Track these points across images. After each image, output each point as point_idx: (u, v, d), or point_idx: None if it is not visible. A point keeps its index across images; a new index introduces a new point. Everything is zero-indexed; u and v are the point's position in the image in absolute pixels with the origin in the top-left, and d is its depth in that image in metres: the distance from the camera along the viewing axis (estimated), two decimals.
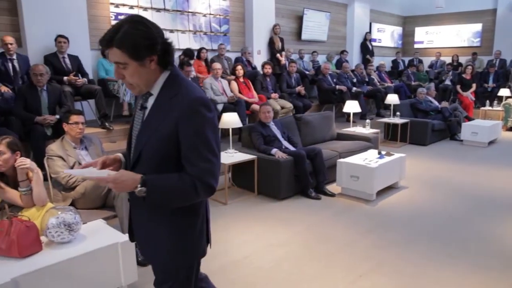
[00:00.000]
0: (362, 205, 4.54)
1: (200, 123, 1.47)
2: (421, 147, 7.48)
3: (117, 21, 1.51)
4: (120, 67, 1.47)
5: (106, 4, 6.65)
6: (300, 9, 10.17)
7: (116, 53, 1.44)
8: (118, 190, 1.51)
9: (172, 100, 1.50)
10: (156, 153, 1.51)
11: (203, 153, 1.48)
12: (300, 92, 7.80)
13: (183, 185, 1.47)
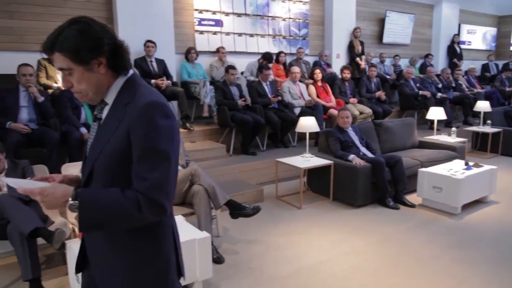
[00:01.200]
0: (445, 218, 4.26)
1: (152, 131, 1.24)
2: None
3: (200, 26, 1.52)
4: (66, 73, 1.29)
5: (191, 10, 6.97)
6: (382, 12, 9.84)
7: (59, 58, 1.27)
8: (47, 205, 1.26)
9: (126, 108, 1.29)
10: (109, 169, 1.29)
11: (153, 166, 1.23)
12: (380, 97, 7.54)
13: (123, 202, 1.22)
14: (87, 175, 1.34)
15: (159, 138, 1.24)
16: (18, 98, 4.28)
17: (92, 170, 1.32)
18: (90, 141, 1.39)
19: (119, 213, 1.23)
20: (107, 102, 1.35)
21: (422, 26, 10.95)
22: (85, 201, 1.22)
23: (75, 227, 3.06)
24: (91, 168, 1.32)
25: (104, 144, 1.30)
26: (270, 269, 3.17)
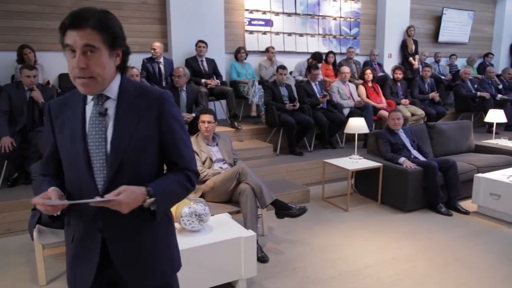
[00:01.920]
0: (503, 227, 4.02)
1: (178, 115, 1.43)
2: None
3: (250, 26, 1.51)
4: (87, 52, 1.25)
5: (241, 10, 7.05)
6: (439, 9, 9.44)
7: (90, 34, 1.24)
8: (125, 208, 1.26)
9: (139, 99, 1.37)
10: (138, 157, 1.35)
11: (184, 143, 1.43)
12: (434, 98, 7.23)
13: (182, 182, 1.40)
14: (117, 167, 1.32)
15: (181, 120, 1.45)
16: None
17: (121, 162, 1.33)
18: (96, 138, 1.33)
19: (182, 193, 1.43)
20: (110, 96, 1.35)
21: (483, 23, 10.38)
22: (160, 196, 1.31)
23: None
24: (121, 160, 1.33)
25: (131, 134, 1.33)
26: (314, 271, 3.14)
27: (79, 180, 1.35)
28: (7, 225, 3.79)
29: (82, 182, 1.35)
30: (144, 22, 6.22)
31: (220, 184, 3.46)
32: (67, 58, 1.28)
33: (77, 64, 1.24)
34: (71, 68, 1.27)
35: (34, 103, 4.28)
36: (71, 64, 1.26)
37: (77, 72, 1.26)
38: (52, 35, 5.65)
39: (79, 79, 1.27)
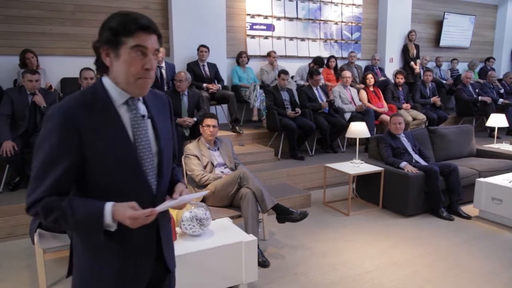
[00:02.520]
0: (505, 232, 4.01)
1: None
2: None
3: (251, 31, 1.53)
4: (155, 55, 1.31)
5: (243, 15, 7.07)
6: (440, 14, 9.45)
7: (156, 40, 1.30)
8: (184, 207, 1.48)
9: (156, 100, 1.45)
10: (169, 156, 1.45)
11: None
12: (436, 102, 7.23)
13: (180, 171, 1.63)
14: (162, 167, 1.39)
15: None
16: None
17: (164, 161, 1.40)
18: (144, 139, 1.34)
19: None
20: (139, 98, 1.37)
21: (484, 28, 10.40)
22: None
23: None
24: (164, 159, 1.40)
25: (165, 134, 1.42)
26: (315, 276, 3.13)
27: (129, 185, 1.32)
28: (9, 229, 3.80)
29: (134, 187, 1.32)
30: None
31: (221, 188, 3.46)
32: (128, 58, 1.25)
33: (151, 65, 1.28)
34: (137, 68, 1.26)
35: (36, 107, 4.30)
36: (137, 64, 1.26)
37: (143, 73, 1.27)
38: (54, 40, 5.68)
39: (142, 79, 1.28)
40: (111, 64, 1.28)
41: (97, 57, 1.30)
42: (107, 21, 1.28)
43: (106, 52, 1.27)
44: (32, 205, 1.23)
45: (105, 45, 1.26)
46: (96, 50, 1.29)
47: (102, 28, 1.28)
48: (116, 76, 1.29)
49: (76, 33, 5.79)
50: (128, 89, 1.30)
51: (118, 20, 1.26)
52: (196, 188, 3.65)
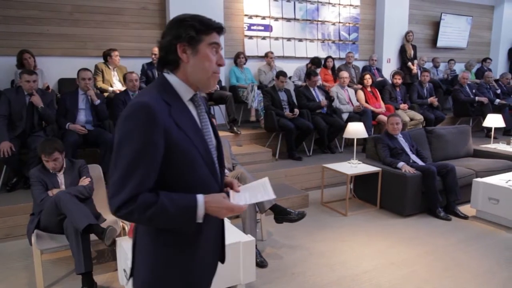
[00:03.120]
0: (502, 232, 4.03)
1: None
2: None
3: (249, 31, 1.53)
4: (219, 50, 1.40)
5: (241, 16, 7.08)
6: (437, 14, 9.49)
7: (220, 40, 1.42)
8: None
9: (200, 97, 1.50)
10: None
11: None
12: (433, 103, 7.25)
13: None
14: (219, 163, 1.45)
15: None
16: (77, 100, 4.54)
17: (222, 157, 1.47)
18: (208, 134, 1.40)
19: None
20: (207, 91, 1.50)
21: (481, 28, 10.44)
22: None
23: (125, 225, 3.20)
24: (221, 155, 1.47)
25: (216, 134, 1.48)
26: (313, 276, 3.14)
27: (205, 177, 1.36)
28: (7, 230, 3.79)
29: (209, 179, 1.37)
30: (144, 27, 6.24)
31: None
32: (206, 54, 1.33)
33: (223, 61, 1.39)
34: (212, 63, 1.34)
35: (33, 108, 4.29)
36: (213, 60, 1.35)
37: (216, 68, 1.36)
38: (52, 40, 5.67)
39: (215, 75, 1.36)
40: (187, 60, 1.32)
41: (166, 53, 1.33)
42: (185, 21, 1.34)
43: (183, 49, 1.31)
44: (124, 204, 1.19)
45: (184, 42, 1.31)
46: (168, 47, 1.32)
47: (180, 26, 1.33)
48: (191, 72, 1.33)
49: (74, 33, 5.79)
50: (200, 84, 1.36)
51: (199, 20, 1.35)
52: None
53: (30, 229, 3.00)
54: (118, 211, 1.20)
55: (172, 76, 1.34)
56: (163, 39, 1.33)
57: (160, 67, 1.36)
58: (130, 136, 1.20)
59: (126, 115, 1.21)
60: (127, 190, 1.19)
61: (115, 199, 1.19)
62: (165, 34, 1.34)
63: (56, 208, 2.88)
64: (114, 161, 1.22)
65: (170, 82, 1.34)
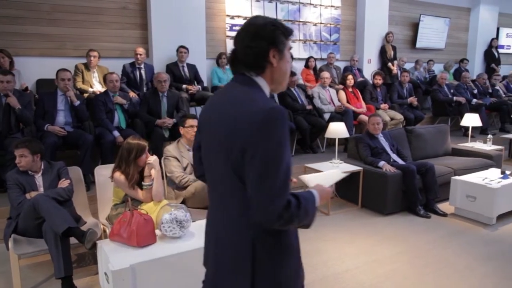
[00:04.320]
0: (479, 228, 4.12)
1: None
2: None
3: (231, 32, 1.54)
4: None
5: (223, 16, 7.06)
6: (416, 16, 9.65)
7: None
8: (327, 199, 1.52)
9: None
10: None
11: None
12: (413, 103, 7.37)
13: None
14: None
15: None
16: (56, 101, 4.46)
17: None
18: None
19: None
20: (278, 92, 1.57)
21: (458, 30, 10.66)
22: None
23: (106, 228, 3.16)
24: None
25: None
26: None
27: None
28: None
29: None
30: (124, 27, 6.17)
31: (201, 190, 3.44)
32: (288, 57, 1.40)
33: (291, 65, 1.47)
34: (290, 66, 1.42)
35: (10, 109, 4.19)
36: (289, 64, 1.41)
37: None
38: (29, 40, 5.56)
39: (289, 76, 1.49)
40: (276, 64, 1.35)
41: (256, 58, 1.33)
42: (275, 26, 1.35)
43: (274, 54, 1.34)
44: (284, 210, 1.20)
45: (276, 47, 1.34)
46: (261, 52, 1.33)
47: (272, 31, 1.33)
48: (275, 75, 1.38)
49: (52, 33, 5.68)
50: (280, 86, 1.42)
51: (282, 25, 1.37)
52: (176, 190, 3.62)
53: (7, 234, 2.93)
54: (279, 217, 1.20)
55: (260, 79, 1.36)
56: (252, 43, 1.32)
57: (244, 69, 1.36)
58: (282, 142, 1.21)
59: (271, 119, 1.21)
60: (286, 195, 1.22)
61: (276, 206, 1.19)
62: (253, 38, 1.32)
63: (34, 211, 2.82)
64: (266, 168, 1.20)
65: (260, 85, 1.36)
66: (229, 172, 1.28)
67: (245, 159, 1.22)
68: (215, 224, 1.44)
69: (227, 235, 1.36)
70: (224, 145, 1.29)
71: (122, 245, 2.53)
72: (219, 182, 1.37)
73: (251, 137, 1.20)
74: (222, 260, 1.38)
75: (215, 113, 1.37)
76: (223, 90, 1.43)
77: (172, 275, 2.46)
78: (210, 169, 1.43)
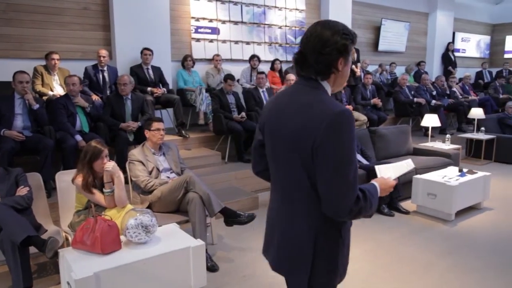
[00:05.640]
0: (440, 225, 4.28)
1: None
2: (509, 166, 6.88)
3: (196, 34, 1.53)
4: None
5: (188, 18, 7.01)
6: (378, 20, 9.92)
7: None
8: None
9: None
10: None
11: None
12: (377, 104, 7.57)
13: None
14: None
15: None
16: (13, 105, 4.27)
17: None
18: None
19: None
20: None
21: (417, 34, 11.04)
22: None
23: (68, 236, 3.06)
24: None
25: None
26: (264, 277, 3.16)
27: None
28: None
29: None
30: (86, 28, 6.00)
31: (168, 193, 3.40)
32: (349, 62, 1.45)
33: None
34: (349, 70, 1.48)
35: None
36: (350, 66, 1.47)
37: None
38: None
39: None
40: (341, 69, 1.42)
41: (327, 65, 1.40)
42: (344, 33, 1.40)
43: (341, 61, 1.41)
44: (354, 204, 1.33)
45: (345, 56, 1.41)
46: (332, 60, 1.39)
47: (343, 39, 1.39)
48: (338, 79, 1.45)
49: (8, 33, 5.44)
50: (339, 87, 1.51)
51: (352, 33, 1.43)
52: (141, 195, 3.56)
53: None
54: (350, 211, 1.33)
55: (325, 83, 1.44)
56: (324, 51, 1.37)
57: (314, 74, 1.42)
58: (352, 142, 1.32)
59: (342, 122, 1.31)
60: (356, 191, 1.34)
61: (347, 201, 1.32)
62: (325, 46, 1.37)
63: None
64: (337, 166, 1.31)
65: (325, 88, 1.44)
66: (298, 169, 1.39)
67: (317, 158, 1.33)
68: (281, 217, 1.53)
69: (293, 228, 1.47)
70: (294, 144, 1.38)
71: (85, 253, 2.46)
72: (286, 178, 1.46)
73: (323, 137, 1.30)
74: (286, 250, 1.51)
75: (283, 115, 1.44)
76: (288, 92, 1.50)
77: (138, 282, 2.41)
78: (276, 166, 1.52)
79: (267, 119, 1.54)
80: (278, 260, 1.57)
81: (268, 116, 1.54)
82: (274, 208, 1.57)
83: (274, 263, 1.61)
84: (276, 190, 1.55)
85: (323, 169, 1.32)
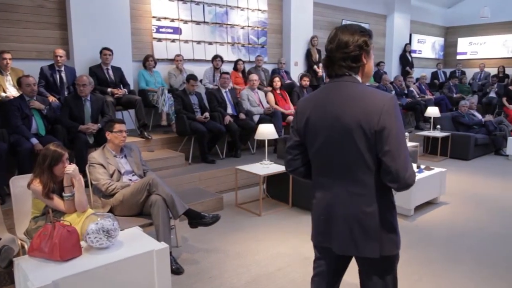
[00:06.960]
0: (400, 220, 4.40)
1: None
2: (463, 162, 7.21)
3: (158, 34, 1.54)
4: None
5: (149, 18, 6.89)
6: (338, 21, 10.13)
7: None
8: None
9: None
10: None
11: None
12: None
13: None
14: None
15: None
16: None
17: None
18: None
19: None
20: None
21: (376, 35, 11.35)
22: None
23: (25, 243, 2.93)
24: None
25: None
26: (230, 278, 3.16)
27: None
28: None
29: None
30: (41, 27, 5.77)
31: (130, 196, 3.33)
32: (372, 55, 1.71)
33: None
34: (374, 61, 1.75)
35: None
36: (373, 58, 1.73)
37: None
38: None
39: None
40: (366, 62, 1.66)
41: (354, 60, 1.63)
42: (362, 31, 1.65)
43: (364, 55, 1.65)
44: (414, 174, 1.59)
45: (367, 48, 1.65)
46: (357, 56, 1.63)
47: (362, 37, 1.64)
48: (367, 70, 1.69)
49: None
50: (368, 78, 1.73)
51: (367, 30, 1.68)
52: (102, 198, 3.46)
53: None
54: (413, 181, 1.56)
55: (357, 76, 1.67)
56: (348, 50, 1.61)
57: (346, 71, 1.64)
58: (402, 122, 1.58)
59: (396, 105, 1.56)
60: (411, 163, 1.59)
61: (410, 172, 1.55)
62: (347, 46, 1.62)
63: None
64: (399, 143, 1.54)
65: (360, 81, 1.67)
66: (361, 151, 1.57)
67: (381, 137, 1.53)
68: (343, 200, 1.69)
69: (359, 206, 1.65)
70: (357, 129, 1.55)
71: (43, 260, 2.37)
72: (348, 162, 1.63)
73: (386, 118, 1.52)
74: (355, 229, 1.67)
75: (334, 107, 1.62)
76: (327, 90, 1.69)
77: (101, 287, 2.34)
78: (335, 154, 1.66)
79: (311, 116, 1.70)
80: (350, 240, 1.69)
81: (312, 113, 1.69)
82: (331, 196, 1.75)
83: (342, 246, 1.74)
84: (332, 178, 1.71)
85: (389, 146, 1.52)
